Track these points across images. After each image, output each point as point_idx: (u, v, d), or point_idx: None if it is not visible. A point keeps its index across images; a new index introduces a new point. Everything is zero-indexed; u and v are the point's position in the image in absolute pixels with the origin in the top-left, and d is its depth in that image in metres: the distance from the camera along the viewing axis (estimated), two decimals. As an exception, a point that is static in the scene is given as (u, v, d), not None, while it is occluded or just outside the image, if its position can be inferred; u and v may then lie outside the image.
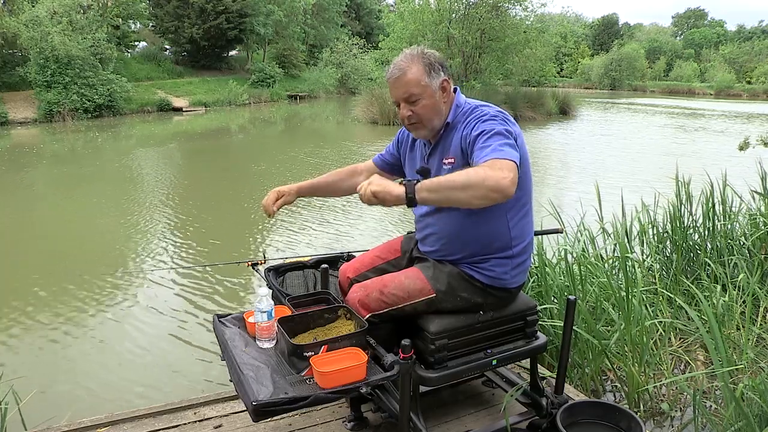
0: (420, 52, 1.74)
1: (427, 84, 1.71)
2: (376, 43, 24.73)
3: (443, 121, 1.77)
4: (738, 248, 3.58)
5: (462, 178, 1.44)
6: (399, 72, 1.72)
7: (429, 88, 1.71)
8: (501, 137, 1.57)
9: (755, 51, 54.44)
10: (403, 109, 1.75)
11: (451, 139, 1.75)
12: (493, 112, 1.69)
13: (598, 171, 10.34)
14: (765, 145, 4.16)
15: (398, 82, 1.72)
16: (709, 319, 2.21)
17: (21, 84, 19.94)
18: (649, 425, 2.41)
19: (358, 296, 1.78)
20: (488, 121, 1.64)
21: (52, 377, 3.41)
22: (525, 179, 1.73)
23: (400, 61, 1.73)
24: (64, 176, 10.73)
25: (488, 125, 1.62)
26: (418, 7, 19.74)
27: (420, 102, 1.72)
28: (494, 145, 1.54)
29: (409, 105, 1.73)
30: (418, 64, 1.71)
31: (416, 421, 1.78)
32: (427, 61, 1.72)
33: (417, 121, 1.75)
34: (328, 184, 2.13)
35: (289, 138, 17.05)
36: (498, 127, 1.60)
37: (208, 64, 30.35)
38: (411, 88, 1.71)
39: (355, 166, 2.16)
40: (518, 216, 1.77)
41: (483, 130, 1.61)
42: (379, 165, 2.11)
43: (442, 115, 1.76)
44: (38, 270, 5.29)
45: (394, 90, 1.75)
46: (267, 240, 6.29)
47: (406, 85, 1.71)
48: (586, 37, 65.06)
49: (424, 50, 1.75)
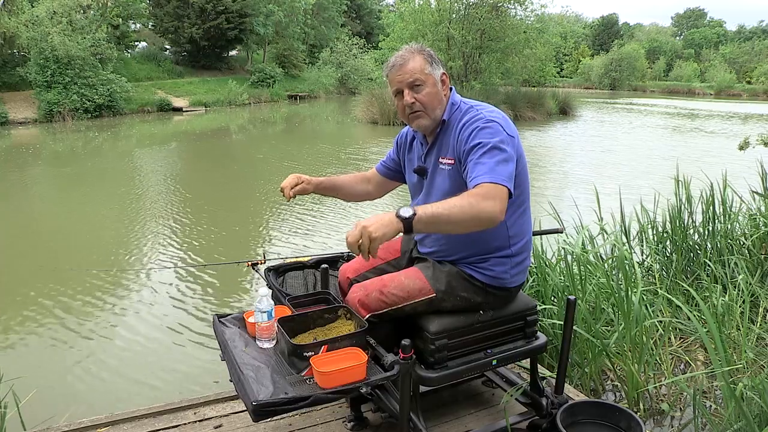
0: (419, 46, 1.78)
1: (430, 72, 1.74)
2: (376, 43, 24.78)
3: (441, 116, 1.77)
4: (738, 248, 3.57)
5: (456, 214, 1.45)
6: (402, 60, 1.74)
7: (432, 77, 1.74)
8: (496, 153, 1.59)
9: (755, 51, 54.46)
10: (406, 96, 1.74)
11: (448, 138, 1.76)
12: (489, 116, 1.69)
13: (598, 171, 10.34)
14: (765, 145, 4.16)
15: (402, 69, 1.73)
16: (708, 319, 2.21)
17: (21, 84, 19.92)
18: (649, 425, 2.41)
19: (358, 296, 1.78)
20: (484, 130, 1.64)
21: (51, 377, 3.41)
22: (522, 178, 1.74)
23: (401, 53, 1.76)
24: (64, 176, 10.74)
25: (485, 136, 1.63)
26: (418, 8, 19.75)
27: (424, 88, 1.73)
28: (489, 164, 1.56)
29: (413, 92, 1.74)
30: (420, 55, 1.74)
31: (416, 421, 1.78)
32: (427, 53, 1.76)
33: (420, 109, 1.75)
34: (344, 186, 2.15)
35: (289, 138, 17.05)
36: (494, 139, 1.61)
37: (208, 64, 30.35)
38: (415, 74, 1.72)
39: (364, 174, 2.18)
40: (516, 215, 1.78)
41: (479, 142, 1.62)
42: (381, 172, 2.12)
43: (443, 107, 1.77)
44: (38, 269, 5.29)
45: (397, 77, 1.75)
46: (267, 240, 6.29)
47: (410, 71, 1.72)
48: (586, 37, 65.08)
49: (423, 46, 1.79)
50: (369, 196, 2.19)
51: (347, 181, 2.15)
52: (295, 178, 2.06)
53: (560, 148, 14.09)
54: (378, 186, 2.16)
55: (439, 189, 1.79)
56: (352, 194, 2.18)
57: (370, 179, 2.16)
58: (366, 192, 2.17)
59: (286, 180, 2.06)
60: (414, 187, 1.95)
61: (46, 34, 18.80)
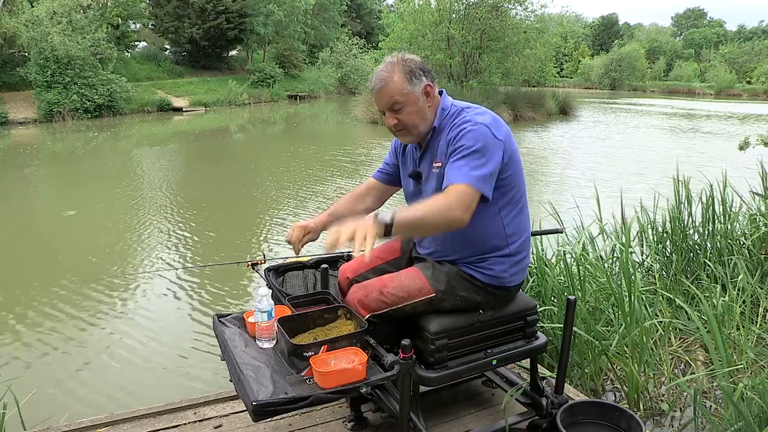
0: (399, 59, 1.75)
1: (409, 91, 1.72)
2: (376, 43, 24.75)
3: (429, 126, 1.78)
4: (738, 248, 3.57)
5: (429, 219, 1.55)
6: (381, 83, 1.73)
7: (412, 95, 1.72)
8: (475, 156, 1.62)
9: (755, 51, 54.44)
10: (388, 118, 1.77)
11: (439, 142, 1.77)
12: (477, 119, 1.69)
13: (598, 171, 10.34)
14: (765, 145, 4.16)
15: (381, 93, 1.73)
16: (709, 319, 2.21)
17: (21, 84, 19.92)
18: (649, 425, 2.41)
19: (358, 296, 1.79)
20: (468, 133, 1.65)
21: (51, 377, 3.41)
22: (517, 177, 1.76)
23: (381, 72, 1.74)
24: (63, 176, 10.74)
25: (467, 140, 1.64)
26: (418, 8, 19.74)
27: (404, 109, 1.73)
28: (465, 168, 1.61)
29: (394, 113, 1.75)
30: (399, 73, 1.72)
31: (416, 421, 1.78)
32: (407, 68, 1.72)
33: (403, 128, 1.77)
34: (348, 210, 2.08)
35: (289, 138, 17.06)
36: (476, 143, 1.63)
37: (208, 64, 30.35)
38: (394, 96, 1.72)
39: (359, 191, 2.12)
40: (512, 213, 1.78)
41: (461, 145, 1.65)
42: (382, 179, 2.09)
43: (428, 120, 1.77)
44: (38, 269, 5.29)
45: (378, 100, 1.77)
46: (267, 240, 6.29)
47: (388, 94, 1.72)
48: (586, 37, 65.08)
49: (405, 56, 1.76)
50: (369, 211, 2.13)
51: (347, 206, 2.09)
52: (301, 230, 2.02)
53: (560, 148, 14.09)
54: (377, 196, 2.11)
55: (432, 193, 1.81)
56: (358, 212, 2.10)
57: (368, 192, 2.11)
58: (366, 209, 2.11)
59: (293, 234, 2.01)
60: (409, 191, 1.95)
61: (46, 34, 18.79)
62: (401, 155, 2.01)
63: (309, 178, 9.71)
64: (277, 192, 8.68)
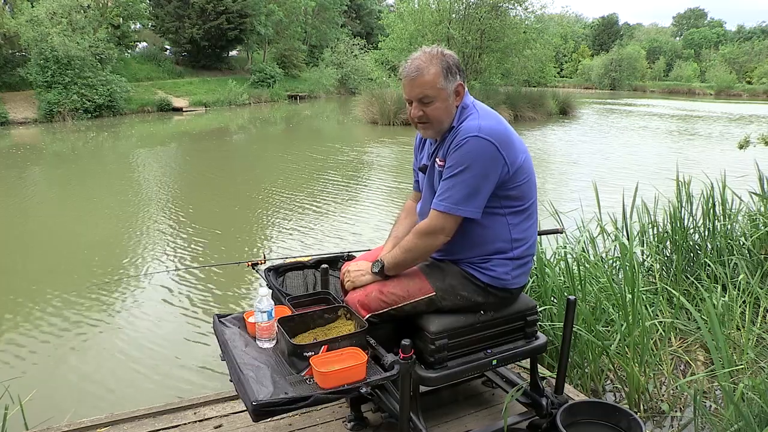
0: (439, 52, 1.71)
1: (442, 87, 1.69)
2: (376, 43, 24.71)
3: (450, 124, 1.75)
4: (738, 248, 3.57)
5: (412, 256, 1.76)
6: (416, 73, 1.68)
7: (444, 91, 1.69)
8: (463, 176, 1.64)
9: (755, 51, 54.43)
10: (414, 109, 1.73)
11: (452, 139, 1.74)
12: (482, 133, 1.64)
13: (598, 171, 10.33)
14: (766, 144, 4.16)
15: (414, 82, 1.69)
16: (710, 319, 2.21)
17: (21, 84, 19.93)
18: (649, 425, 2.41)
19: (358, 296, 1.78)
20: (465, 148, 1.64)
21: (52, 377, 3.41)
22: (525, 187, 1.75)
23: (419, 60, 1.69)
24: (63, 176, 10.73)
25: (462, 156, 1.64)
26: (418, 8, 19.73)
27: (433, 104, 1.70)
28: (450, 190, 1.67)
29: (422, 105, 1.71)
30: (437, 66, 1.68)
31: (416, 421, 1.78)
32: (445, 63, 1.69)
33: (427, 122, 1.74)
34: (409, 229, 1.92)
35: (289, 138, 17.05)
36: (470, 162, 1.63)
37: (209, 64, 30.35)
38: (426, 90, 1.68)
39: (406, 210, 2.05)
40: (519, 219, 1.78)
41: (455, 162, 1.66)
42: (418, 189, 2.02)
43: (452, 118, 1.75)
44: (38, 270, 5.29)
45: (408, 88, 1.72)
46: (267, 240, 6.29)
47: (421, 86, 1.69)
48: (586, 38, 65.07)
49: (444, 51, 1.72)
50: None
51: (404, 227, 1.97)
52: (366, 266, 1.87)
53: (560, 148, 14.08)
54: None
55: (428, 188, 1.82)
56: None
57: (412, 207, 2.03)
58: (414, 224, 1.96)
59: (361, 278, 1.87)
60: (424, 186, 1.91)
61: (46, 35, 18.79)
62: (419, 151, 1.98)
63: (309, 178, 9.71)
64: (277, 192, 8.68)
